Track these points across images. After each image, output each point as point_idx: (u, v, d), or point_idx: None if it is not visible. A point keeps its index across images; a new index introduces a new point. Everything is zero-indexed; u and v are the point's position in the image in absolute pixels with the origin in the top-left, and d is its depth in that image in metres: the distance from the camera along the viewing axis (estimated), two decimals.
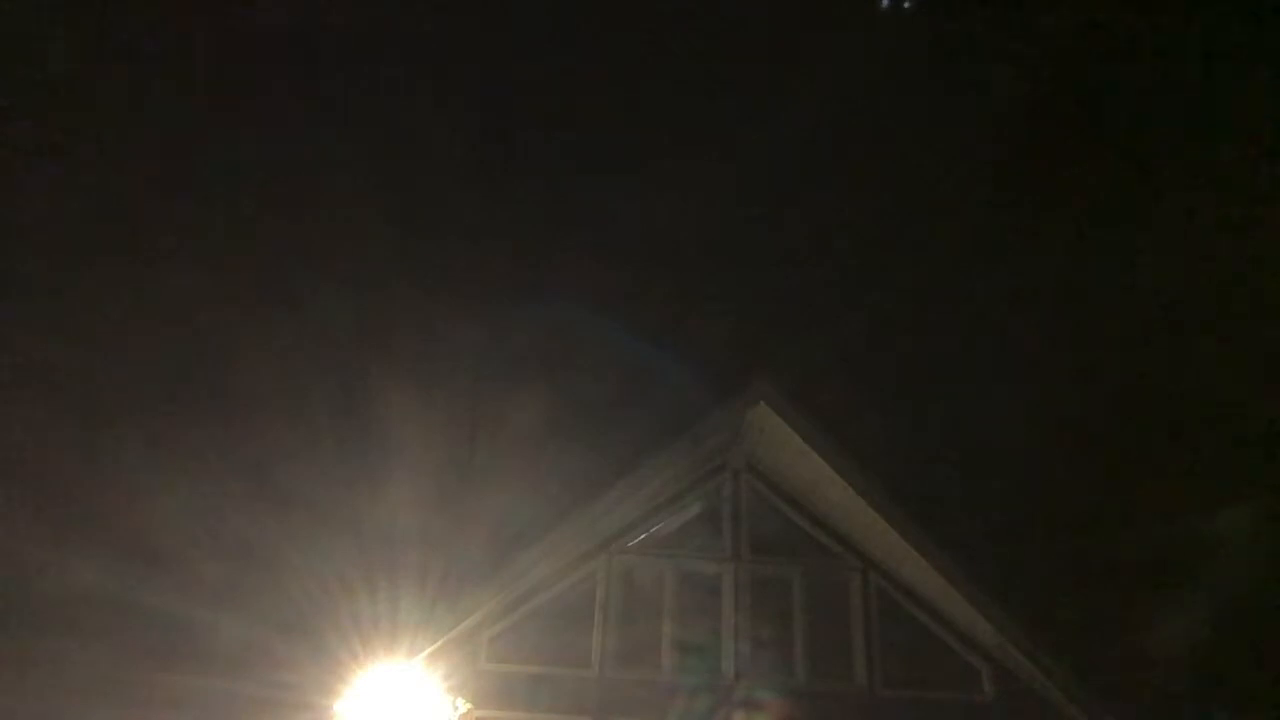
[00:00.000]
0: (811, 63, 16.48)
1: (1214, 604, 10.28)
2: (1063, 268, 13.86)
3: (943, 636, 8.98)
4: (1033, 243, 13.94)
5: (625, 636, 8.73)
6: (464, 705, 8.04)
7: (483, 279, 16.19)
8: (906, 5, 14.30)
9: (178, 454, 11.68)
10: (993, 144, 14.12)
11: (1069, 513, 12.40)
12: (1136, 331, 12.64)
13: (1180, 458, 11.63)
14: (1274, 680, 10.09)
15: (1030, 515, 12.31)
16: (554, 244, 17.37)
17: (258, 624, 8.71)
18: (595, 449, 10.53)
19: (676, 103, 17.97)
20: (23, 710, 8.93)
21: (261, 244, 14.49)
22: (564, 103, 17.99)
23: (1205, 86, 11.62)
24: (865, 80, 15.57)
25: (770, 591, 9.06)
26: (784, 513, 9.43)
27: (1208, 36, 11.34)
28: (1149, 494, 11.85)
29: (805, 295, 17.35)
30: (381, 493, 10.58)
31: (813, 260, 17.65)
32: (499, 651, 8.55)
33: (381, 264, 15.48)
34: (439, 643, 8.16)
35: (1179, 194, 11.89)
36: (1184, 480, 11.51)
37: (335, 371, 13.81)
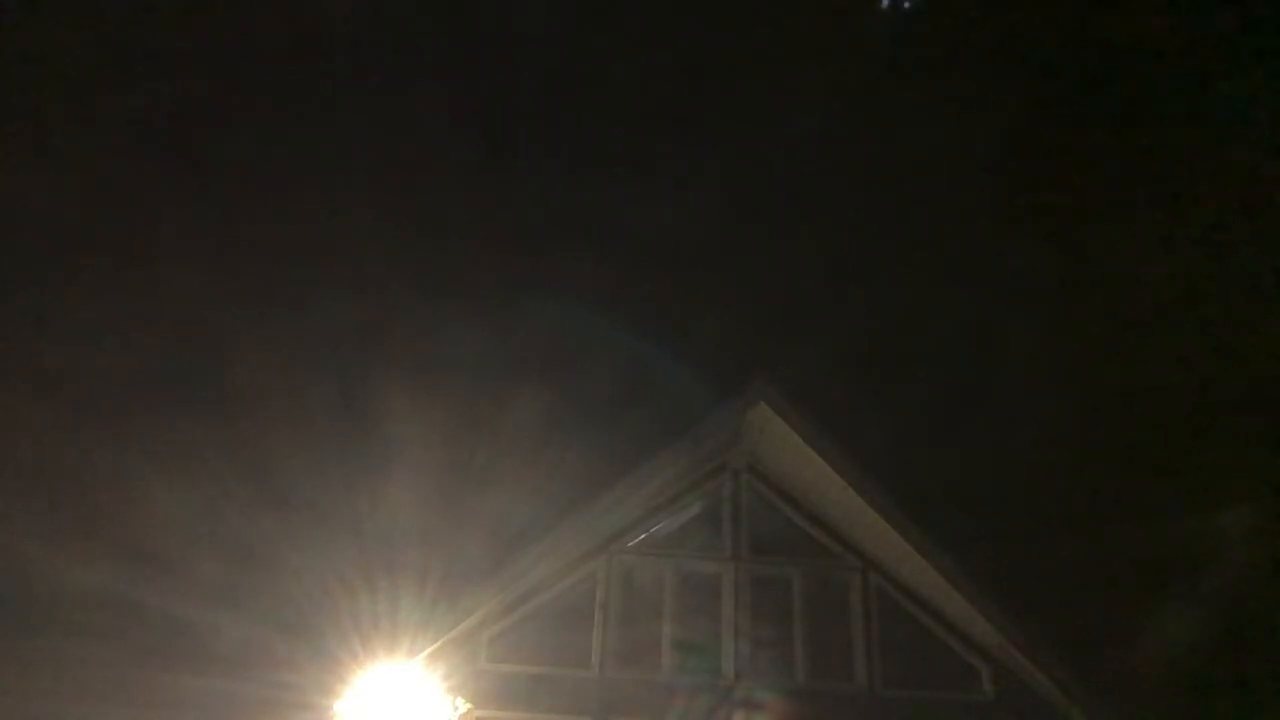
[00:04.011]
0: (812, 62, 16.49)
1: (1214, 604, 10.27)
2: (1063, 267, 13.86)
3: (943, 636, 8.98)
4: (1032, 242, 13.94)
5: (625, 636, 8.73)
6: (464, 705, 8.05)
7: (483, 279, 16.18)
8: (907, 5, 14.31)
9: (177, 454, 11.67)
10: (993, 143, 14.12)
11: (1069, 513, 12.40)
12: (1137, 331, 12.63)
13: (1180, 458, 11.62)
14: (1274, 680, 10.09)
15: (1030, 515, 12.30)
16: (554, 244, 17.36)
17: (258, 624, 8.70)
18: (595, 449, 10.52)
19: (677, 102, 17.97)
20: (23, 710, 8.91)
21: (261, 244, 14.49)
22: (564, 102, 18.00)
23: (1205, 86, 11.62)
24: (865, 80, 15.58)
25: (770, 591, 9.06)
26: (784, 513, 9.43)
27: (1207, 36, 11.35)
28: (1148, 494, 11.84)
29: (805, 295, 17.36)
30: (381, 493, 10.57)
31: (812, 260, 17.65)
32: (499, 651, 8.55)
33: (381, 264, 15.48)
34: (439, 643, 8.16)
35: (1180, 193, 11.89)
36: (1184, 480, 11.50)
37: (335, 371, 13.80)
